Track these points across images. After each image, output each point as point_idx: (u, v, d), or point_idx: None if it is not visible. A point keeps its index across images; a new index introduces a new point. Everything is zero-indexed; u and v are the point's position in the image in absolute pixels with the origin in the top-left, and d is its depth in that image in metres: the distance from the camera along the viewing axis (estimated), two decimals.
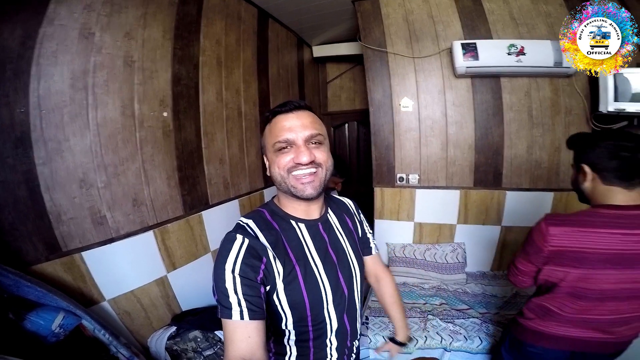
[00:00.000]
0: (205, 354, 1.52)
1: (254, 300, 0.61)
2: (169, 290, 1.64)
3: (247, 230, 0.68)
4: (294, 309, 0.69)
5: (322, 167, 0.71)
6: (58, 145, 1.20)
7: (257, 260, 0.64)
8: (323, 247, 0.75)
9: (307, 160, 0.68)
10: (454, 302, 2.06)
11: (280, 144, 0.70)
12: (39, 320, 1.02)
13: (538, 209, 2.30)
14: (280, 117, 0.72)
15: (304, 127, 0.70)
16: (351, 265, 0.79)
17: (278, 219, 0.74)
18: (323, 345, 0.75)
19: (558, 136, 2.22)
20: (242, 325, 0.60)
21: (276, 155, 0.71)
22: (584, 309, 1.02)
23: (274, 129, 0.72)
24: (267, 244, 0.67)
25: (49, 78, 1.17)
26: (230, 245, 0.65)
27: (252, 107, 2.35)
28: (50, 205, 1.18)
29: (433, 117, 2.36)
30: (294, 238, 0.72)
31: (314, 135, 0.70)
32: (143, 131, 1.51)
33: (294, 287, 0.68)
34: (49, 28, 1.17)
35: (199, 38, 1.84)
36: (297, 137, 0.69)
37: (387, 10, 2.37)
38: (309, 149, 0.69)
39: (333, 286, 0.73)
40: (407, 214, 2.49)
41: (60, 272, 1.21)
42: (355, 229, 0.90)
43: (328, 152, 0.74)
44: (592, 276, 0.97)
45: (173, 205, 1.67)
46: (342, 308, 0.75)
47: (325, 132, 0.76)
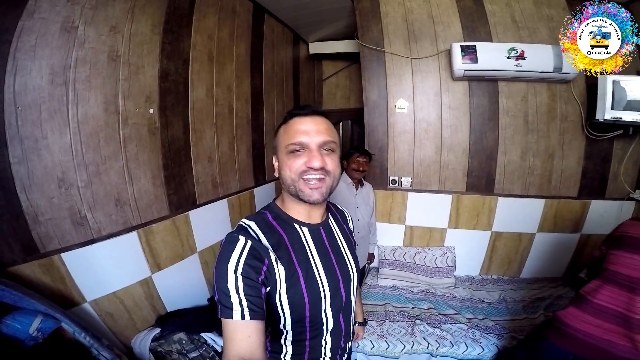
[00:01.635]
0: (190, 356, 1.50)
1: (255, 300, 0.62)
2: (153, 291, 1.61)
3: (249, 231, 0.69)
4: (294, 310, 0.69)
5: (330, 175, 0.72)
6: (35, 143, 1.15)
7: (259, 261, 0.65)
8: (324, 250, 0.77)
9: (319, 166, 0.69)
10: (441, 307, 2.06)
11: (293, 146, 0.70)
12: (15, 324, 0.99)
13: (529, 216, 2.31)
14: (297, 120, 0.73)
15: (319, 132, 0.71)
16: (349, 268, 0.81)
17: (281, 222, 0.75)
18: (318, 345, 0.77)
19: (552, 143, 2.21)
20: (243, 325, 0.60)
21: (288, 158, 0.71)
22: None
23: (290, 130, 0.72)
24: (269, 246, 0.68)
25: (26, 73, 1.11)
26: (233, 245, 0.65)
27: (244, 104, 2.30)
28: (27, 205, 1.14)
29: (428, 119, 2.33)
30: (297, 241, 0.73)
31: (328, 142, 0.71)
32: (127, 128, 1.46)
33: (295, 289, 0.68)
34: (28, 21, 1.11)
35: (190, 32, 1.78)
36: (311, 141, 0.70)
37: (386, 8, 2.32)
38: (321, 154, 0.70)
39: (332, 289, 0.74)
40: (398, 216, 2.47)
41: (39, 273, 1.17)
42: (351, 236, 0.93)
43: (338, 161, 0.75)
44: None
45: (158, 205, 1.63)
46: (339, 309, 0.77)
47: (338, 141, 0.76)
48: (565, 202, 2.25)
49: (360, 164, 2.07)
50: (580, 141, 2.19)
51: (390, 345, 1.73)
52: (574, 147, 2.20)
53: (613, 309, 1.05)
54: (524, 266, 2.40)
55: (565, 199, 2.25)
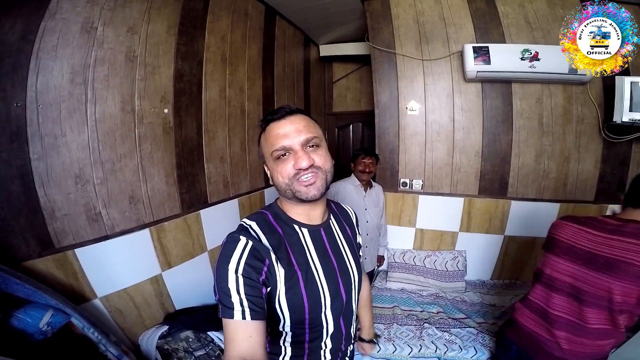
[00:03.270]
0: (196, 354, 1.50)
1: (255, 300, 0.62)
2: (163, 289, 1.62)
3: (250, 232, 0.69)
4: (293, 312, 0.69)
5: (322, 170, 0.71)
6: (54, 140, 1.18)
7: (259, 261, 0.65)
8: (324, 252, 0.76)
9: (307, 165, 0.68)
10: (451, 311, 2.03)
11: (277, 152, 0.70)
12: (26, 318, 1.00)
13: (543, 220, 2.24)
14: (273, 125, 0.72)
15: (299, 132, 0.69)
16: (350, 270, 0.80)
17: (281, 222, 0.74)
18: (318, 348, 0.76)
19: (568, 146, 2.16)
20: (244, 325, 0.60)
21: (276, 164, 0.71)
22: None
23: (270, 138, 0.71)
24: (270, 246, 0.68)
25: (48, 72, 1.15)
26: (234, 245, 0.65)
27: (256, 105, 2.32)
28: (45, 201, 1.17)
29: (440, 121, 2.31)
30: (296, 242, 0.73)
31: (310, 139, 0.70)
32: (142, 127, 1.49)
33: (295, 291, 0.68)
34: (50, 22, 1.15)
35: (204, 34, 1.82)
36: (293, 142, 0.69)
37: (397, 10, 2.31)
38: (307, 153, 0.69)
39: (332, 291, 0.73)
40: (408, 219, 2.45)
41: (52, 268, 1.19)
42: (354, 237, 0.91)
43: (326, 153, 0.74)
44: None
45: (171, 203, 1.65)
46: (339, 312, 0.76)
47: (321, 134, 0.75)
48: (582, 206, 2.19)
49: (366, 165, 2.05)
50: (597, 144, 2.13)
51: (397, 348, 1.70)
52: (591, 150, 2.14)
53: (537, 304, 1.20)
54: None
55: (581, 203, 2.19)
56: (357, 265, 0.84)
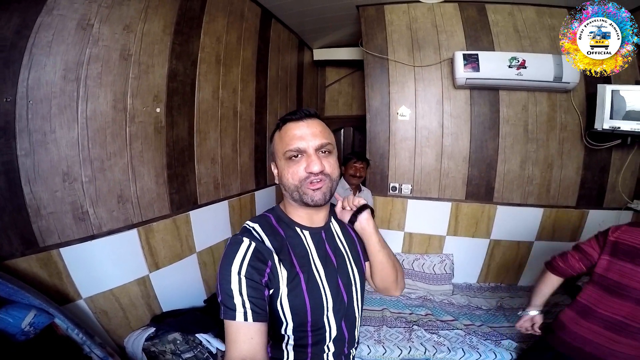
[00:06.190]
0: (184, 356, 1.49)
1: (258, 302, 0.62)
2: (150, 291, 1.60)
3: (253, 233, 0.69)
4: (295, 314, 0.69)
5: (330, 177, 0.72)
6: (43, 136, 1.16)
7: (262, 263, 0.65)
8: (325, 254, 0.76)
9: (319, 170, 0.69)
10: (439, 313, 2.06)
11: (291, 152, 0.70)
12: (7, 318, 0.98)
13: (527, 224, 2.31)
14: (290, 125, 0.72)
15: (315, 135, 0.70)
16: (350, 272, 0.80)
17: (283, 225, 0.75)
18: (321, 352, 0.75)
19: (552, 152, 2.24)
20: (245, 326, 0.60)
21: (287, 165, 0.71)
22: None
23: (285, 137, 0.72)
24: (272, 248, 0.68)
25: (41, 68, 1.14)
26: (237, 247, 0.65)
27: (248, 107, 2.32)
28: (30, 198, 1.14)
29: (429, 127, 2.36)
30: (298, 245, 0.73)
31: (324, 144, 0.71)
32: (134, 126, 1.47)
33: (296, 294, 0.68)
34: (47, 17, 1.14)
35: (199, 34, 1.81)
36: (308, 145, 0.70)
37: (391, 17, 2.36)
38: (319, 158, 0.70)
39: (334, 293, 0.73)
40: (397, 223, 2.48)
41: (36, 268, 1.17)
42: (358, 238, 0.90)
43: (336, 162, 0.75)
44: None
45: (160, 204, 1.63)
46: (341, 315, 0.76)
47: (334, 141, 0.76)
48: (564, 211, 2.27)
49: (357, 169, 2.08)
50: (579, 151, 2.21)
51: (387, 350, 1.71)
52: (573, 157, 2.23)
53: (601, 313, 1.15)
54: (522, 274, 2.40)
55: (563, 208, 2.27)
56: (359, 267, 0.83)
